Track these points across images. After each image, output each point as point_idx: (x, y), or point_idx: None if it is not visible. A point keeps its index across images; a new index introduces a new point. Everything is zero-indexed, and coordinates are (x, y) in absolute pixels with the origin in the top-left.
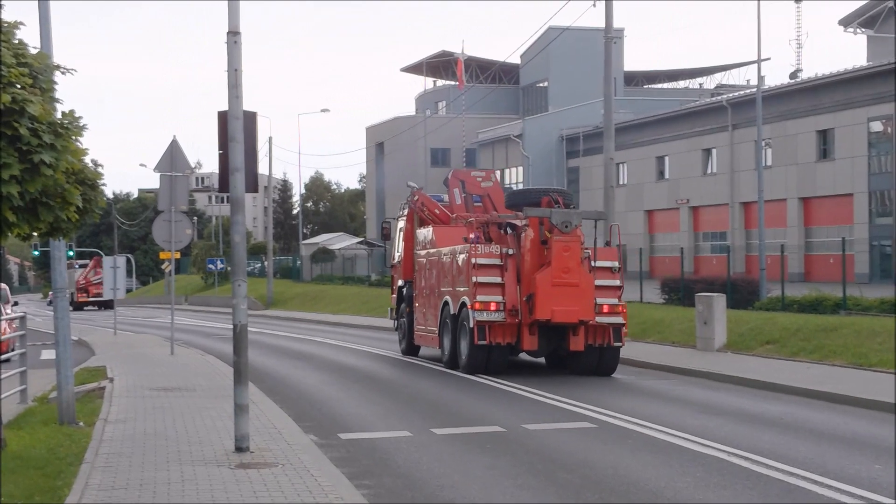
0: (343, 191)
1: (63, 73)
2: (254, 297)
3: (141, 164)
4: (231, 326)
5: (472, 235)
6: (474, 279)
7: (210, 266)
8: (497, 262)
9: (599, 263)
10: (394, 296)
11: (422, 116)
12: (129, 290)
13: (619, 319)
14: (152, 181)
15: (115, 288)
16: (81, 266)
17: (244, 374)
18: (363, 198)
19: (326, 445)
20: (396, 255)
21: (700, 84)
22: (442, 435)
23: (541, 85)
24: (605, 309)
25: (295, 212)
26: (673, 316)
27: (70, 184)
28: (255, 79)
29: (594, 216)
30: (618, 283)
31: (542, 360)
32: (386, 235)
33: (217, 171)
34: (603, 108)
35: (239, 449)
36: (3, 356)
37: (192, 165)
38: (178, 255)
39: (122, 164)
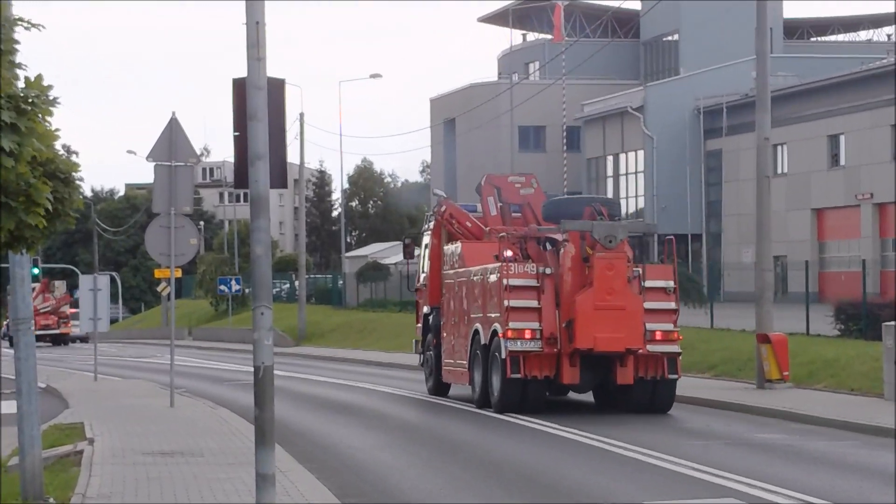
0: (399, 184)
1: (27, 28)
2: (280, 330)
3: (129, 152)
4: (251, 369)
5: (507, 253)
6: (507, 303)
7: (222, 288)
8: (533, 283)
9: (650, 283)
10: (419, 325)
11: (507, 83)
12: (113, 321)
13: (674, 348)
14: (144, 174)
15: (95, 318)
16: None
17: (269, 433)
18: (426, 194)
19: None
20: (422, 276)
21: (889, 36)
22: None
23: (669, 39)
24: (658, 336)
25: (335, 213)
26: (851, 353)
27: (37, 178)
28: (283, 35)
29: (642, 229)
30: (673, 305)
31: (589, 397)
32: (409, 254)
33: (231, 159)
34: (755, 71)
35: None
36: None
37: (198, 152)
38: (178, 273)
39: (104, 152)
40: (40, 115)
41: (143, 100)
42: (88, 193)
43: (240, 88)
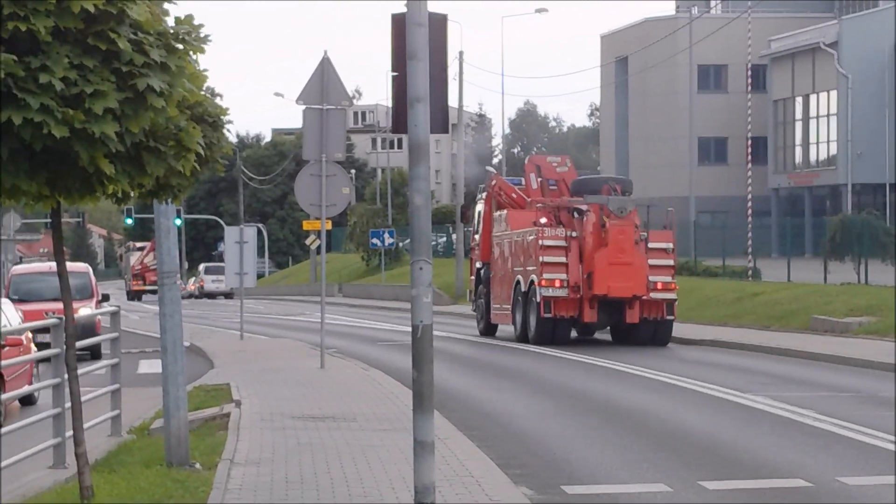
0: (566, 129)
1: None
2: (437, 287)
3: (276, 94)
4: (405, 329)
5: (542, 220)
6: (541, 259)
7: (374, 241)
8: (562, 243)
9: (654, 245)
10: (472, 277)
11: (685, 17)
12: (259, 276)
13: (671, 295)
14: (293, 118)
15: (241, 272)
16: (139, 249)
17: (428, 397)
18: (596, 139)
19: (546, 503)
20: (476, 237)
21: None
22: (717, 492)
23: None
24: (659, 286)
25: (495, 161)
26: None
27: (185, 121)
28: None
29: (646, 203)
30: (671, 262)
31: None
32: (466, 219)
33: (384, 102)
34: None
35: None
36: (85, 368)
37: (351, 95)
38: (329, 225)
39: (249, 94)
40: (192, 54)
41: (291, 38)
42: (233, 139)
43: (399, 25)
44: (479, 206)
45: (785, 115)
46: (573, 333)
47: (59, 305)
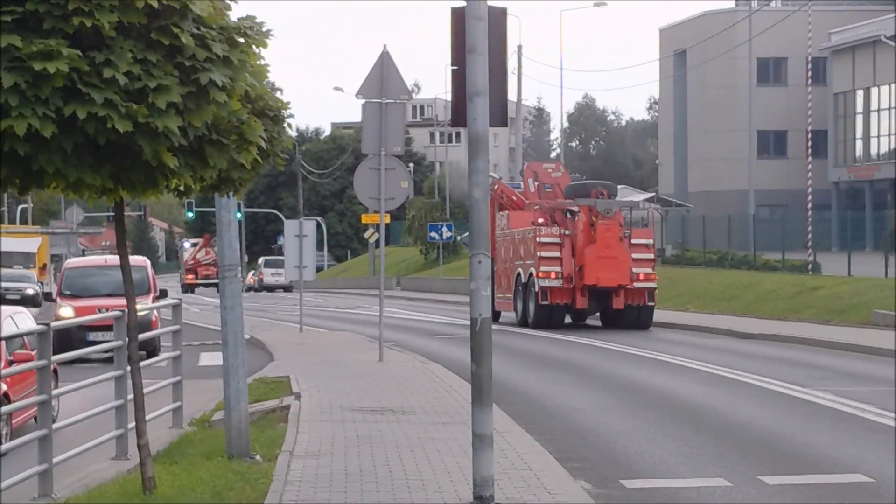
0: (624, 123)
1: None
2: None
3: (335, 88)
4: (464, 322)
5: (539, 220)
6: (539, 254)
7: (433, 235)
8: (556, 240)
9: (636, 241)
10: None
11: (744, 10)
12: (318, 269)
13: (652, 284)
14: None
15: (300, 265)
16: (192, 245)
17: (487, 390)
18: (654, 133)
19: (605, 497)
20: None
21: None
22: (776, 486)
23: None
24: (641, 276)
25: (554, 154)
26: None
27: (248, 115)
28: None
29: (628, 206)
30: (651, 256)
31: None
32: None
33: (443, 96)
34: None
35: (479, 498)
36: (147, 361)
37: (410, 89)
38: (387, 219)
39: (308, 88)
40: (254, 47)
41: (351, 32)
42: (293, 133)
43: (458, 19)
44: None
45: (845, 108)
46: (567, 319)
47: (114, 301)
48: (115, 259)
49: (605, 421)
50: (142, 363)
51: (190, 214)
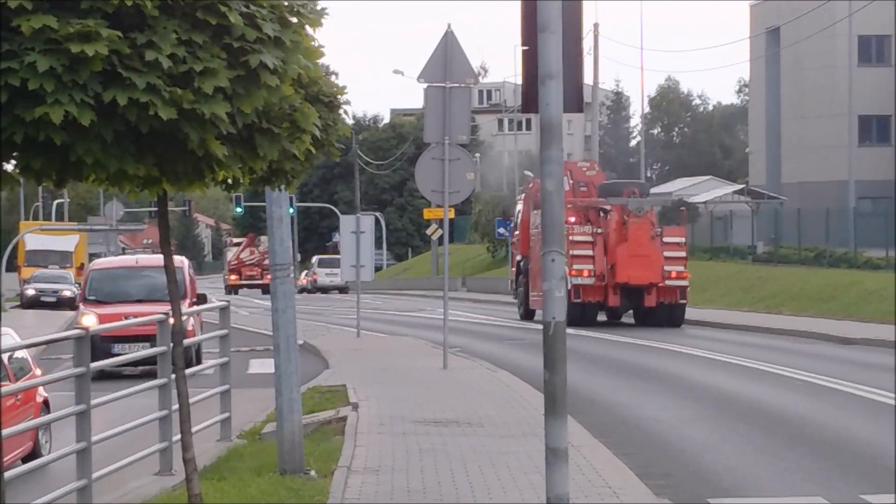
0: (711, 108)
1: None
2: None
3: (395, 72)
4: (538, 326)
5: (571, 218)
6: (571, 252)
7: (501, 231)
8: (589, 238)
9: (668, 239)
10: (513, 269)
11: None
12: (377, 269)
13: (684, 283)
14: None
15: (357, 264)
16: (236, 245)
17: (561, 400)
18: (744, 118)
19: None
20: (515, 233)
21: None
22: None
23: None
24: (673, 274)
25: (633, 143)
26: None
27: (301, 101)
28: None
29: (660, 203)
30: (683, 254)
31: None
32: (507, 216)
33: (512, 80)
34: None
35: None
36: (193, 369)
37: (476, 72)
38: (452, 214)
39: (366, 72)
40: (308, 28)
41: (411, 11)
42: (349, 121)
43: None
44: (519, 206)
45: None
46: (602, 318)
47: (145, 308)
48: (147, 259)
49: (690, 433)
50: (187, 371)
51: (238, 210)
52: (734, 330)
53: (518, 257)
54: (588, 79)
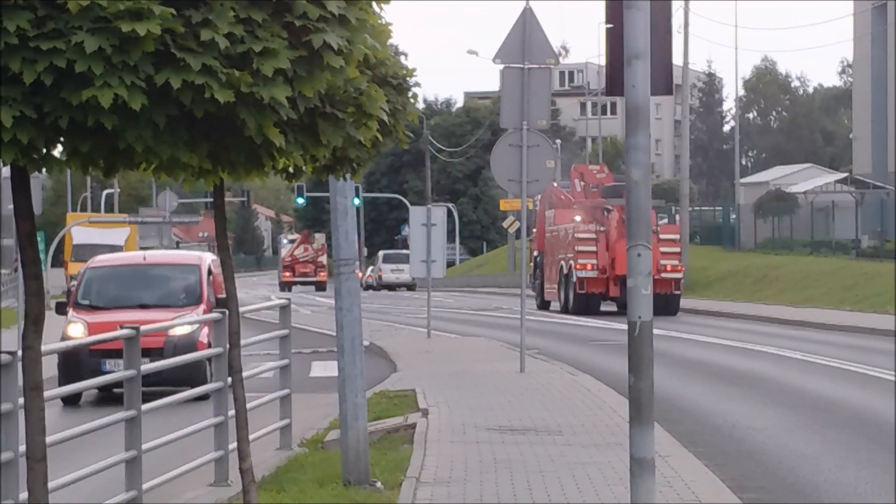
0: (811, 90)
1: None
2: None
3: (470, 52)
4: (622, 326)
5: (577, 217)
6: (577, 248)
7: None
8: (592, 236)
9: (663, 236)
10: (531, 263)
11: None
12: (449, 264)
13: (678, 275)
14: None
15: (428, 259)
16: (291, 241)
17: (647, 407)
18: (848, 101)
19: None
20: (533, 230)
21: None
22: None
23: None
24: (668, 268)
25: (727, 128)
26: None
27: (367, 84)
28: None
29: (655, 204)
30: (678, 250)
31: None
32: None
33: (599, 60)
34: None
35: None
36: (263, 368)
37: (556, 52)
38: (530, 205)
39: (437, 53)
40: (374, 6)
41: None
42: (420, 105)
43: None
44: (537, 206)
45: None
46: (613, 308)
47: (147, 315)
48: (157, 256)
49: (787, 443)
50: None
51: (300, 200)
52: (835, 331)
53: (535, 253)
54: (678, 59)
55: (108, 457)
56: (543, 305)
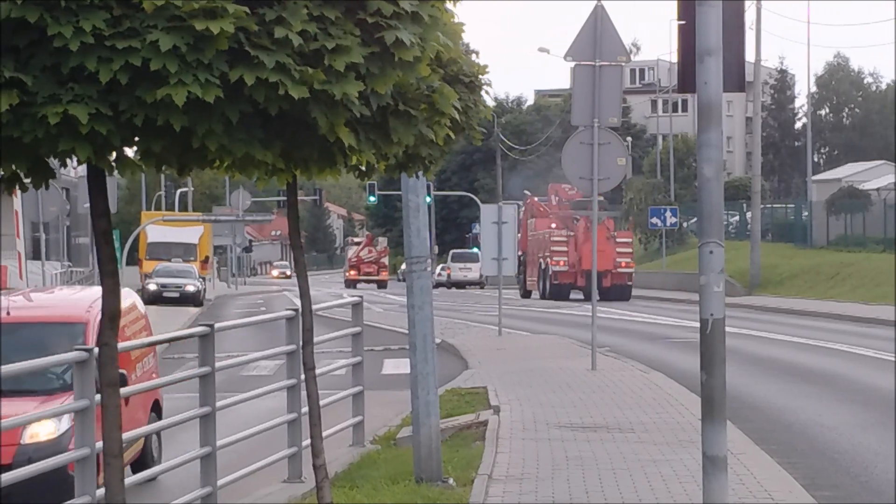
0: (884, 87)
1: None
2: (727, 275)
3: (540, 50)
4: (692, 324)
5: (552, 225)
6: (552, 248)
7: (654, 220)
8: (564, 239)
9: (620, 239)
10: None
11: None
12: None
13: (630, 270)
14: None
15: (499, 257)
16: (356, 244)
17: (719, 405)
18: None
19: None
20: (518, 235)
21: None
22: None
23: None
24: (623, 264)
25: (799, 125)
26: None
27: (440, 81)
28: None
29: (613, 214)
30: (630, 250)
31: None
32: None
33: (670, 57)
34: None
35: None
36: (335, 365)
37: (628, 49)
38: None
39: (508, 50)
40: (447, 3)
41: None
42: (491, 103)
43: None
44: (521, 215)
45: None
46: (580, 296)
47: None
48: (26, 308)
49: (861, 441)
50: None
51: (372, 199)
52: None
53: (520, 253)
54: (750, 55)
55: (182, 454)
56: (526, 294)
